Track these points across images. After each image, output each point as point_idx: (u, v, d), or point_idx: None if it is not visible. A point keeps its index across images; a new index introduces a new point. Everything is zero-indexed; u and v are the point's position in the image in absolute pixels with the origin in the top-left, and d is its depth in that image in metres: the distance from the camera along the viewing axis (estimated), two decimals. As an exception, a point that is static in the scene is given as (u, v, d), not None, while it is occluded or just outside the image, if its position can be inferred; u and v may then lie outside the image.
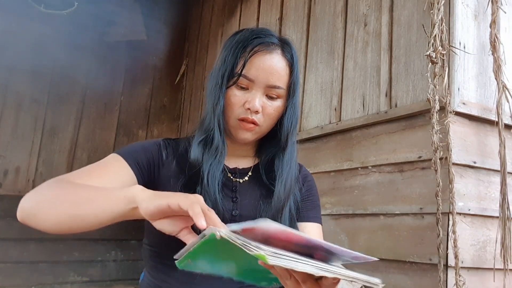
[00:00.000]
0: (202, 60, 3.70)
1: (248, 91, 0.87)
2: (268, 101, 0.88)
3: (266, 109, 0.87)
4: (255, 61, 0.86)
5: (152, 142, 0.92)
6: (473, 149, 1.45)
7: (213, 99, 0.88)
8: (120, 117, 3.84)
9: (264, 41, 0.87)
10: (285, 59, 0.89)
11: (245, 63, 0.85)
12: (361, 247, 1.66)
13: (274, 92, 0.87)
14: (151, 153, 0.89)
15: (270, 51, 0.87)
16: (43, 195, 0.73)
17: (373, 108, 1.75)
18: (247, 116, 0.86)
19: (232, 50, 0.88)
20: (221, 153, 0.87)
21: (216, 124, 0.87)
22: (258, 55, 0.86)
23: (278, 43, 0.89)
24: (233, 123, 0.88)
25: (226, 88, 0.87)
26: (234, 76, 0.86)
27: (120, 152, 0.87)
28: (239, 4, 3.08)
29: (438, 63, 1.39)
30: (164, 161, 0.89)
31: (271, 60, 0.86)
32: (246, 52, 0.86)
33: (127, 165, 0.84)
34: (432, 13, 1.42)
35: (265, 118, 0.88)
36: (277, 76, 0.87)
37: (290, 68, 0.89)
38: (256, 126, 0.87)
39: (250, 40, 0.87)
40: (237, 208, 0.89)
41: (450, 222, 1.33)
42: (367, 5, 1.89)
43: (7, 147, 3.33)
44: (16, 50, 3.32)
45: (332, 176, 1.88)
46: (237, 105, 0.86)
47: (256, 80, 0.86)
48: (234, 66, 0.86)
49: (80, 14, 3.36)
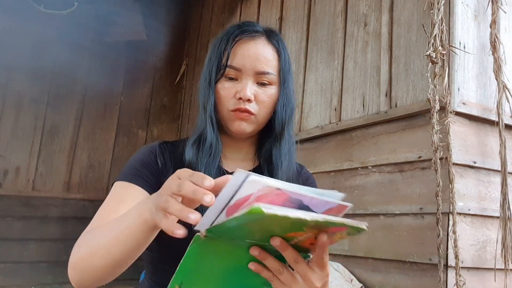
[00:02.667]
0: (202, 60, 3.70)
1: (237, 81, 0.85)
2: (260, 89, 0.85)
3: (258, 96, 0.85)
4: (239, 50, 0.84)
5: (147, 151, 0.89)
6: (473, 149, 1.45)
7: (203, 96, 0.86)
8: (120, 117, 3.84)
9: (246, 29, 0.86)
10: (270, 44, 0.87)
11: (229, 53, 0.84)
12: (361, 247, 1.66)
13: (265, 78, 0.85)
14: (150, 165, 0.86)
15: (253, 37, 0.86)
16: (77, 259, 0.71)
17: (373, 108, 1.75)
18: (240, 106, 0.83)
19: (217, 45, 0.87)
20: (216, 150, 0.85)
21: (208, 121, 0.85)
22: (241, 42, 0.85)
23: (262, 31, 0.88)
24: (227, 116, 0.85)
25: (215, 83, 0.85)
26: (221, 69, 0.85)
27: (124, 178, 0.84)
28: (239, 4, 3.08)
29: (438, 63, 1.39)
30: (161, 169, 0.87)
31: (256, 47, 0.85)
32: (229, 43, 0.85)
33: (139, 188, 0.82)
34: (432, 13, 1.42)
35: (259, 106, 0.85)
36: (265, 62, 0.85)
37: (278, 54, 0.88)
38: (251, 115, 0.84)
39: (233, 31, 0.86)
40: None
41: (450, 222, 1.33)
42: (367, 5, 1.89)
43: (7, 147, 3.33)
44: (16, 50, 3.32)
45: (332, 176, 1.88)
46: (228, 97, 0.84)
47: (243, 68, 0.84)
48: (220, 60, 0.85)
49: (80, 14, 3.36)
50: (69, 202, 3.50)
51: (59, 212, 3.43)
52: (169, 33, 3.96)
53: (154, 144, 0.92)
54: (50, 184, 3.48)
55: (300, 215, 0.49)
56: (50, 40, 3.38)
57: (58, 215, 3.42)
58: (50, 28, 3.36)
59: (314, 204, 0.55)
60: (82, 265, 0.69)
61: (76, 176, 3.59)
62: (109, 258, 0.66)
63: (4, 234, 3.19)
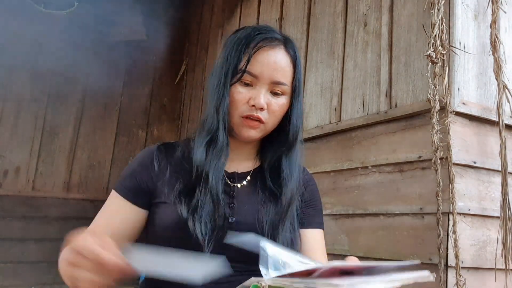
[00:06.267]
0: (202, 60, 3.70)
1: (252, 87, 0.85)
2: (273, 98, 0.86)
3: (271, 106, 0.85)
4: (259, 57, 0.84)
5: (146, 154, 0.91)
6: (473, 149, 1.45)
7: (216, 97, 0.85)
8: (120, 117, 3.84)
9: (267, 37, 0.86)
10: (288, 55, 0.88)
11: (249, 59, 0.84)
12: (361, 247, 1.66)
13: (279, 89, 0.86)
14: (140, 173, 0.87)
15: (273, 46, 0.86)
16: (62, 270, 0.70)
17: (373, 108, 1.75)
18: (252, 113, 0.84)
19: (235, 46, 0.86)
20: (225, 154, 0.86)
21: (221, 123, 0.84)
22: (262, 50, 0.85)
23: (281, 38, 0.88)
24: (237, 121, 0.85)
25: (230, 85, 0.85)
26: (238, 73, 0.84)
27: (117, 188, 0.88)
28: (239, 4, 3.08)
29: (438, 63, 1.39)
30: (157, 172, 0.87)
31: (275, 56, 0.85)
32: (250, 48, 0.84)
33: (122, 199, 0.86)
34: (432, 13, 1.42)
35: (270, 115, 0.86)
36: (282, 72, 0.85)
37: (293, 65, 0.88)
38: (261, 124, 0.85)
39: (253, 36, 0.86)
40: (233, 214, 0.85)
41: (450, 222, 1.33)
42: (367, 5, 1.89)
43: (7, 147, 3.34)
44: (16, 50, 3.32)
45: (332, 176, 1.88)
46: (241, 102, 0.84)
47: (260, 76, 0.84)
48: (238, 63, 0.84)
49: (80, 14, 3.36)
50: (69, 202, 3.50)
51: (59, 212, 3.43)
52: (169, 33, 3.96)
53: (153, 147, 0.92)
54: (50, 184, 3.48)
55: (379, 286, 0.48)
56: (50, 40, 3.38)
57: (58, 215, 3.42)
58: (50, 28, 3.36)
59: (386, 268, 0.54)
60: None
61: (76, 176, 3.60)
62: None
63: (4, 234, 3.20)
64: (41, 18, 3.29)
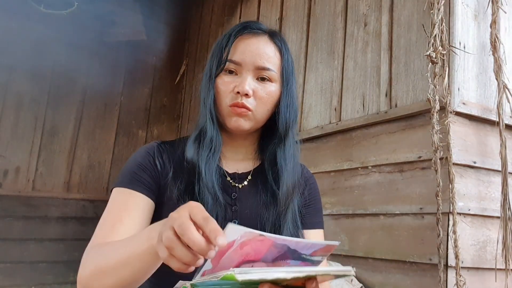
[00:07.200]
0: (202, 60, 3.70)
1: (237, 76, 0.84)
2: (260, 85, 0.84)
3: (257, 92, 0.83)
4: (241, 44, 0.84)
5: (145, 153, 0.87)
6: (473, 149, 1.45)
7: (203, 91, 0.86)
8: (120, 117, 3.84)
9: (250, 26, 0.87)
10: (273, 43, 0.87)
11: (230, 48, 0.84)
12: (361, 247, 1.66)
13: (265, 74, 0.84)
14: (148, 168, 0.85)
15: (256, 34, 0.86)
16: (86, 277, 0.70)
17: (373, 108, 1.75)
18: (237, 100, 0.82)
19: (219, 43, 0.87)
20: (216, 144, 0.84)
21: (208, 115, 0.84)
22: (243, 38, 0.85)
23: (266, 29, 0.89)
24: (225, 111, 0.84)
25: (215, 77, 0.85)
26: (221, 64, 0.85)
27: (123, 184, 0.82)
28: (239, 4, 3.08)
29: (438, 63, 1.39)
30: (160, 171, 0.85)
31: (258, 43, 0.85)
32: (231, 39, 0.85)
33: (139, 194, 0.81)
34: (432, 13, 1.42)
35: (257, 102, 0.84)
36: (266, 57, 0.84)
37: (280, 53, 0.88)
38: (248, 111, 0.83)
39: (235, 28, 0.87)
40: (236, 217, 0.85)
41: (450, 222, 1.33)
42: (367, 5, 1.89)
43: (7, 147, 3.33)
44: (16, 50, 3.32)
45: (332, 176, 1.88)
46: (227, 91, 0.84)
47: (243, 62, 0.83)
48: (221, 55, 0.85)
49: (80, 14, 3.36)
50: (69, 202, 3.50)
51: (59, 212, 3.43)
52: (169, 33, 3.96)
53: (152, 145, 0.90)
54: (50, 184, 3.48)
55: (279, 275, 0.48)
56: (50, 40, 3.38)
57: (58, 215, 3.42)
58: (50, 28, 3.36)
59: (301, 247, 0.54)
60: (90, 283, 0.68)
61: (76, 176, 3.59)
62: (117, 279, 0.65)
63: (4, 234, 3.19)
64: (41, 18, 3.29)
